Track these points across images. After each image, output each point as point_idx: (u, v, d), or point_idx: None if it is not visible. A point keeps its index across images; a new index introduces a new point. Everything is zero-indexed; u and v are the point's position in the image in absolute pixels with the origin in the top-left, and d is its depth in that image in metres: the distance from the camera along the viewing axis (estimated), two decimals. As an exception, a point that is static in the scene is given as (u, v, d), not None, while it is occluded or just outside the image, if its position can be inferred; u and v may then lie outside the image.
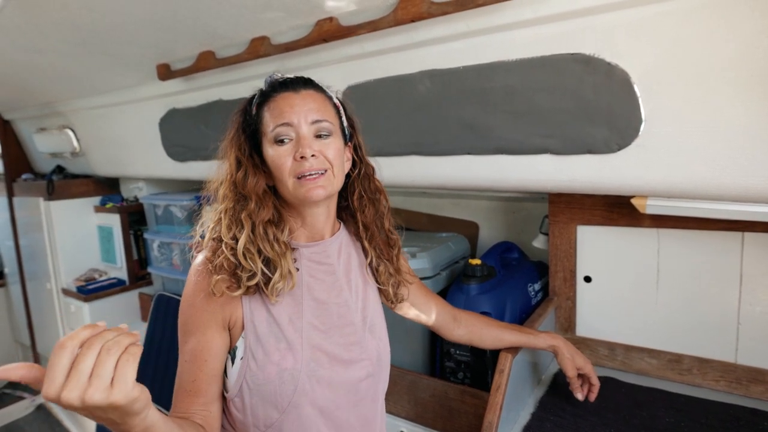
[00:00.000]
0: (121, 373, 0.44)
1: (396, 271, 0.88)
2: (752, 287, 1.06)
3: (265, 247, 0.73)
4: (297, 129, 0.73)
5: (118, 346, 0.45)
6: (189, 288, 0.75)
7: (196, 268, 0.76)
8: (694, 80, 0.81)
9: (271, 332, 0.73)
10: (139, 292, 2.47)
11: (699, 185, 0.88)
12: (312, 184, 0.72)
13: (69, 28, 1.31)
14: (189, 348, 0.72)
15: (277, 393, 0.72)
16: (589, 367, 1.02)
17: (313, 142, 0.74)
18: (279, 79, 0.78)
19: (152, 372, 2.03)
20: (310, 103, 0.75)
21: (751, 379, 1.06)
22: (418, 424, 1.21)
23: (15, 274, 2.90)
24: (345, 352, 0.78)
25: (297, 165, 0.72)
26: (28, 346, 2.97)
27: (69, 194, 2.45)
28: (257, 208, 0.74)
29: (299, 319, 0.76)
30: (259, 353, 0.72)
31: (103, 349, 0.44)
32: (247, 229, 0.73)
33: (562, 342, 1.01)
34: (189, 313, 0.74)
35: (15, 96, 2.23)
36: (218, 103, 1.58)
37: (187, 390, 0.71)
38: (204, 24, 1.23)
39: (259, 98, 0.78)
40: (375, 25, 1.04)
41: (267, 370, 0.72)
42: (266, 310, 0.74)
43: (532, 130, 1.02)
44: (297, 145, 0.73)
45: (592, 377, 1.02)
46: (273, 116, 0.74)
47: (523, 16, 0.91)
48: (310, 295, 0.78)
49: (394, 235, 0.88)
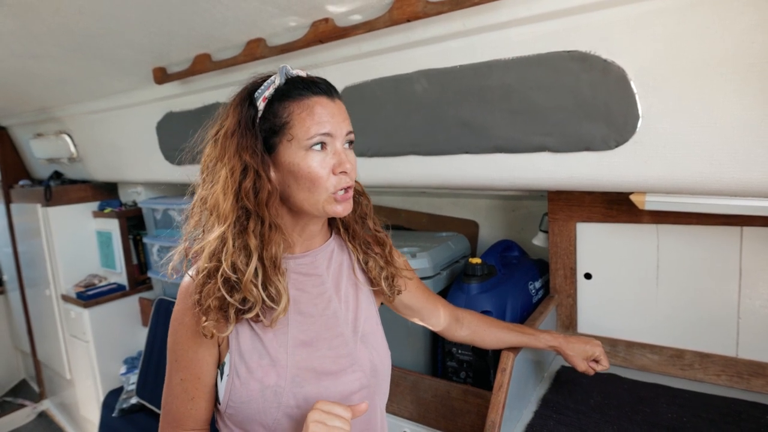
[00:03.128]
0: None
1: (386, 263, 0.83)
2: (752, 281, 1.06)
3: (275, 279, 0.67)
4: (334, 141, 0.69)
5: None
6: (178, 308, 0.73)
7: (184, 290, 0.73)
8: (691, 76, 0.81)
9: (255, 349, 0.71)
10: (140, 296, 2.46)
11: (697, 180, 0.88)
12: (346, 199, 0.70)
13: (63, 33, 1.30)
14: (179, 379, 0.73)
15: (261, 410, 0.69)
16: (597, 349, 1.01)
17: (348, 154, 0.70)
18: (304, 77, 0.70)
19: (153, 377, 2.03)
20: (344, 113, 0.71)
21: (752, 373, 1.07)
22: (421, 424, 1.21)
23: (14, 281, 2.89)
24: (333, 365, 0.74)
25: (336, 180, 0.68)
26: (29, 353, 2.96)
27: (67, 200, 2.44)
28: (270, 230, 0.67)
29: (284, 334, 0.72)
30: (242, 370, 0.70)
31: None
32: (255, 257, 0.66)
33: (563, 341, 1.00)
34: (179, 334, 0.73)
35: (10, 102, 2.22)
36: (215, 106, 1.56)
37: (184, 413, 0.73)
38: (199, 27, 1.23)
39: (277, 93, 0.68)
40: (371, 25, 1.04)
41: (250, 386, 0.69)
42: (249, 327, 0.71)
43: (530, 129, 1.02)
44: (335, 157, 0.68)
45: (602, 358, 1.01)
46: (311, 121, 0.67)
47: (519, 14, 0.91)
48: (296, 308, 0.74)
49: (381, 234, 0.84)
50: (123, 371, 2.28)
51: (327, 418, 0.62)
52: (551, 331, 1.05)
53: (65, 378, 2.62)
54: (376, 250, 0.83)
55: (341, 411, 0.63)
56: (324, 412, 0.63)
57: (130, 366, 2.29)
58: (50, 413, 2.95)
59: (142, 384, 2.07)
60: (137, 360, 2.30)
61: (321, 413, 0.63)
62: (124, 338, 2.44)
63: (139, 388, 2.08)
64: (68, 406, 2.77)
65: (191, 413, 0.73)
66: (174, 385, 0.73)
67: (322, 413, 0.63)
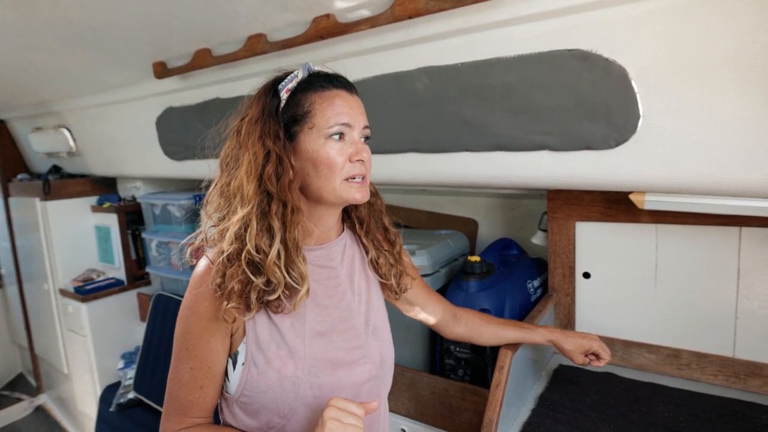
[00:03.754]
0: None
1: (396, 261, 0.87)
2: (749, 282, 1.06)
3: (297, 262, 0.69)
4: (352, 131, 0.73)
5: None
6: (190, 297, 0.72)
7: (200, 277, 0.72)
8: (692, 76, 0.81)
9: (273, 339, 0.72)
10: (138, 292, 2.46)
11: (697, 180, 0.88)
12: (360, 186, 0.73)
13: (62, 25, 1.30)
14: (188, 367, 0.72)
15: (279, 400, 0.71)
16: (596, 343, 1.01)
17: (362, 146, 0.74)
18: (325, 73, 0.75)
19: (151, 371, 2.03)
20: (362, 107, 0.76)
21: (749, 373, 1.07)
22: (419, 421, 1.21)
23: (12, 274, 2.88)
24: (347, 356, 0.77)
25: (351, 167, 0.72)
26: (26, 347, 2.96)
27: (65, 194, 2.44)
28: (292, 213, 0.69)
29: (302, 325, 0.74)
30: (260, 360, 0.71)
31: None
32: (278, 239, 0.68)
33: (560, 335, 1.01)
34: (191, 323, 0.71)
35: (9, 95, 2.21)
36: (215, 102, 1.57)
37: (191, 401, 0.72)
38: (200, 21, 1.23)
39: (301, 85, 0.73)
40: (372, 21, 1.03)
41: (268, 377, 0.71)
42: (268, 317, 0.73)
43: (530, 127, 1.01)
44: (352, 146, 0.72)
45: (602, 352, 1.01)
46: (332, 111, 0.71)
47: (521, 12, 0.91)
48: (313, 300, 0.76)
49: (392, 233, 0.88)
50: (120, 366, 2.28)
51: (342, 415, 0.64)
52: (548, 326, 1.06)
53: (62, 372, 2.62)
54: (386, 247, 0.87)
55: (355, 409, 0.65)
56: (339, 409, 0.65)
57: (127, 361, 2.29)
58: (47, 407, 2.95)
59: (139, 379, 2.07)
60: (135, 355, 2.30)
61: (336, 410, 0.65)
62: (121, 333, 2.44)
63: (136, 383, 2.08)
64: (65, 400, 2.77)
65: (199, 402, 0.73)
66: (182, 373, 0.72)
67: (337, 410, 0.65)
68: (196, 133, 1.69)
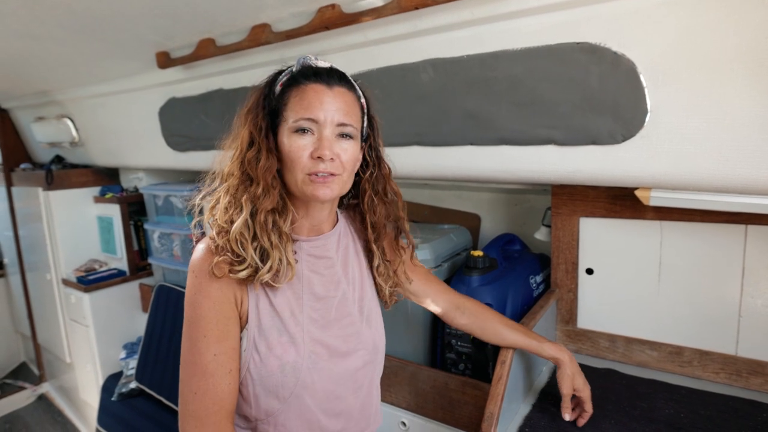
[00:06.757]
0: None
1: (395, 273, 0.89)
2: (754, 280, 1.06)
3: (263, 237, 0.71)
4: (321, 127, 0.71)
5: None
6: (196, 281, 0.72)
7: (201, 259, 0.72)
8: (702, 71, 0.80)
9: (274, 325, 0.74)
10: (140, 282, 2.47)
11: (704, 177, 0.87)
12: (321, 184, 0.71)
13: (65, 14, 1.29)
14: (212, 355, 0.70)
15: (279, 385, 0.73)
16: (587, 392, 0.95)
17: (334, 143, 0.72)
18: (313, 65, 0.74)
19: (153, 362, 2.04)
20: (340, 102, 0.72)
21: (751, 372, 1.07)
22: (419, 414, 1.21)
23: (15, 264, 2.90)
24: (343, 344, 0.80)
25: (312, 163, 0.71)
26: (29, 337, 2.98)
27: (68, 184, 2.44)
28: (263, 194, 0.72)
29: (300, 313, 0.77)
30: (262, 346, 0.73)
31: None
32: (245, 213, 0.71)
33: (568, 357, 0.95)
34: (204, 308, 0.70)
35: (12, 84, 2.20)
36: (219, 92, 1.56)
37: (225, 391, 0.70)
38: (204, 11, 1.22)
39: (288, 79, 0.74)
40: (378, 12, 1.02)
41: (269, 362, 0.73)
42: (269, 304, 0.75)
43: (536, 121, 1.00)
44: (317, 142, 0.71)
45: (586, 403, 0.95)
46: (300, 106, 0.71)
47: (528, 4, 0.90)
48: (310, 290, 0.78)
49: (401, 245, 0.90)
50: (122, 356, 2.30)
51: None
52: (558, 343, 0.99)
53: (65, 362, 2.64)
54: (389, 257, 0.88)
55: None
56: None
57: (129, 351, 2.31)
58: (50, 396, 2.98)
59: (141, 369, 2.08)
60: (136, 345, 2.31)
61: None
62: (123, 323, 2.45)
63: (138, 373, 2.09)
64: (68, 389, 2.79)
65: (232, 389, 0.71)
66: (206, 364, 0.69)
67: None
68: (199, 124, 1.68)
